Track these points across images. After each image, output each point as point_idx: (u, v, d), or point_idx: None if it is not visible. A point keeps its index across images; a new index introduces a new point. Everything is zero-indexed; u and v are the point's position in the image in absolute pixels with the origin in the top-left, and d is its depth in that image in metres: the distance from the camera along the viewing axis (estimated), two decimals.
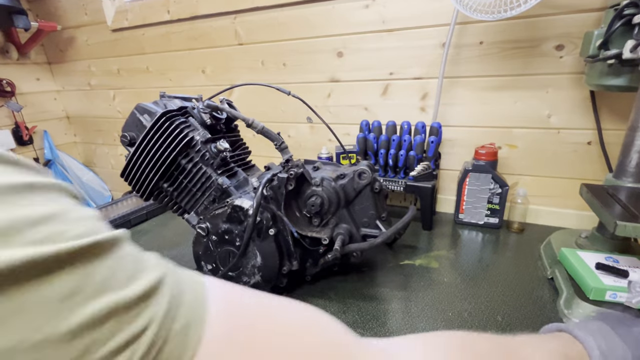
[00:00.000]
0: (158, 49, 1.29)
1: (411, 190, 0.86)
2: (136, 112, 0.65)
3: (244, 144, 0.77)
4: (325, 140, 1.11)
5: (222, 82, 1.22)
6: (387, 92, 0.98)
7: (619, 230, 0.48)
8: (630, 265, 0.56)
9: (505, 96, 0.86)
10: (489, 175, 0.82)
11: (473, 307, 0.59)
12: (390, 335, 0.54)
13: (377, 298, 0.63)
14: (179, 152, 0.62)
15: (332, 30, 0.99)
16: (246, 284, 0.59)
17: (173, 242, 0.90)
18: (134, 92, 1.43)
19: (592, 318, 0.40)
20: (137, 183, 0.66)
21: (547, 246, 0.72)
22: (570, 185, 0.85)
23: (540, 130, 0.85)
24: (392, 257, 0.76)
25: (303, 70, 1.07)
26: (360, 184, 0.61)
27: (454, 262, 0.73)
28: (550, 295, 0.61)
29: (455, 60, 0.88)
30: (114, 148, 1.63)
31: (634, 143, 0.60)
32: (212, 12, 1.13)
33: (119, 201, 1.09)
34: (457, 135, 0.94)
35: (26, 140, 1.53)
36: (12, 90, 1.47)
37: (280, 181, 0.58)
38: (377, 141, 0.89)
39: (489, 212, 0.85)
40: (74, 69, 1.55)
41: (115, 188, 1.74)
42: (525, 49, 0.81)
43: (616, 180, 0.64)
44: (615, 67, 0.64)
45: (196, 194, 0.64)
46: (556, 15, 0.77)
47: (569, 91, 0.80)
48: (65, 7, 1.44)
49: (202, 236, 0.59)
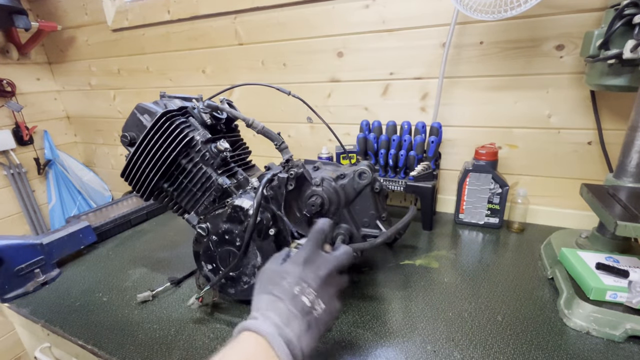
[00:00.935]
0: (158, 49, 1.29)
1: (411, 190, 0.86)
2: (136, 112, 0.65)
3: (244, 144, 0.77)
4: (326, 140, 1.11)
5: (222, 82, 1.22)
6: (387, 92, 0.98)
7: (620, 230, 0.48)
8: (630, 265, 0.56)
9: (505, 96, 0.86)
10: (489, 175, 0.82)
11: (473, 307, 0.59)
12: (391, 335, 0.54)
13: (377, 298, 0.63)
14: (179, 152, 0.62)
15: (332, 30, 0.99)
16: (246, 284, 0.59)
17: (173, 242, 0.90)
18: (134, 92, 1.43)
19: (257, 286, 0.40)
20: (137, 183, 0.66)
21: (548, 246, 0.72)
22: (570, 185, 0.85)
23: (541, 130, 0.85)
24: (392, 257, 0.76)
25: (303, 70, 1.07)
26: (360, 184, 0.61)
27: (454, 262, 0.73)
28: (551, 295, 0.61)
29: (456, 60, 0.88)
30: (114, 148, 1.63)
31: (634, 143, 0.60)
32: (212, 12, 1.13)
33: (119, 201, 1.09)
34: (458, 135, 0.94)
35: (26, 140, 1.53)
36: (13, 90, 1.48)
37: (281, 181, 0.58)
38: (377, 141, 0.89)
39: (489, 212, 0.85)
40: (74, 69, 1.56)
41: (116, 188, 1.74)
42: (526, 49, 0.81)
43: (616, 180, 0.64)
44: (615, 67, 0.64)
45: (196, 194, 0.65)
46: (556, 15, 0.76)
47: (569, 91, 0.80)
48: (65, 7, 1.44)
49: (202, 236, 0.59)
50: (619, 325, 0.50)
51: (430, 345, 0.52)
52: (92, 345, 0.57)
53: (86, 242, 0.86)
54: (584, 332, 0.52)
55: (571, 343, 0.51)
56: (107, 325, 0.61)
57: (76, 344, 0.58)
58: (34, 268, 0.73)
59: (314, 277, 0.39)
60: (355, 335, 0.55)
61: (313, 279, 0.39)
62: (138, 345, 0.56)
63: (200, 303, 0.59)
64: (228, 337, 0.56)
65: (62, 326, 0.62)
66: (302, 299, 0.37)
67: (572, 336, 0.52)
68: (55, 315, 0.65)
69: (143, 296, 0.66)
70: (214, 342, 0.55)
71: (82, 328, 0.61)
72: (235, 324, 0.59)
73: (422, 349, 0.51)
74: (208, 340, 0.56)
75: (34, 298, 0.70)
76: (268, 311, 0.36)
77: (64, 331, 0.60)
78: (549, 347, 0.50)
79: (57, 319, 0.64)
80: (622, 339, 0.50)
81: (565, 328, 0.53)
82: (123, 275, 0.76)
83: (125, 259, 0.83)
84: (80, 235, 0.84)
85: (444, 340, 0.53)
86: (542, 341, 0.51)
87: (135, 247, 0.89)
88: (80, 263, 0.83)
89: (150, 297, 0.67)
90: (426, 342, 0.53)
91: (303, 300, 0.37)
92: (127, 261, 0.82)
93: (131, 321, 0.61)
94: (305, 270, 0.39)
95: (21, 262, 0.71)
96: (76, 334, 0.59)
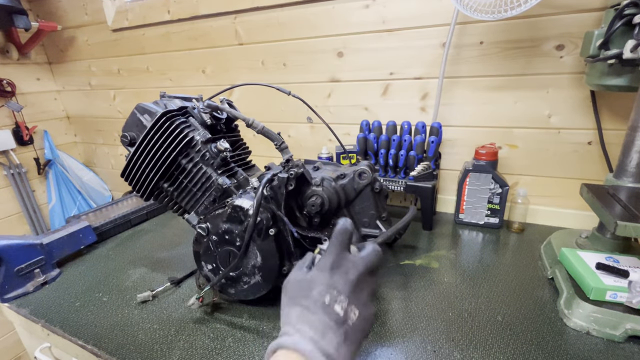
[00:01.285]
0: (158, 49, 1.29)
1: (411, 190, 0.86)
2: (136, 112, 0.65)
3: (244, 144, 0.77)
4: (326, 140, 1.11)
5: (222, 82, 1.22)
6: (388, 92, 0.98)
7: (620, 230, 0.48)
8: (630, 265, 0.56)
9: (505, 96, 0.86)
10: (489, 175, 0.82)
11: (473, 307, 0.59)
12: (391, 335, 0.54)
13: (377, 298, 0.63)
14: (179, 152, 0.62)
15: (332, 30, 0.99)
16: (246, 284, 0.59)
17: (173, 242, 0.90)
18: (134, 92, 1.43)
19: (283, 299, 0.38)
20: (137, 183, 0.66)
21: (548, 246, 0.72)
22: (570, 185, 0.85)
23: (541, 130, 0.85)
24: (392, 257, 0.76)
25: (303, 70, 1.07)
26: (360, 184, 0.61)
27: (454, 262, 0.73)
28: (551, 295, 0.61)
29: (456, 60, 0.88)
30: (114, 148, 1.63)
31: (634, 143, 0.60)
32: (212, 12, 1.13)
33: (119, 201, 1.09)
34: (458, 135, 0.94)
35: (26, 140, 1.53)
36: (13, 90, 1.48)
37: (281, 181, 0.58)
38: (378, 141, 0.89)
39: (489, 212, 0.85)
40: (74, 69, 1.56)
41: (116, 188, 1.74)
42: (526, 49, 0.81)
43: (616, 180, 0.64)
44: (615, 67, 0.64)
45: (196, 194, 0.65)
46: (556, 15, 0.76)
47: (569, 91, 0.80)
48: (65, 7, 1.44)
49: (202, 236, 0.59)
50: (619, 325, 0.50)
51: (430, 345, 0.52)
52: (92, 345, 0.57)
53: (86, 242, 0.86)
54: (584, 332, 0.52)
55: (571, 343, 0.51)
56: (107, 325, 0.61)
57: (76, 344, 0.58)
58: (34, 268, 0.73)
59: (344, 282, 0.36)
60: None
61: (343, 285, 0.36)
62: (138, 345, 0.56)
63: (201, 303, 0.60)
64: (228, 338, 0.56)
65: (62, 326, 0.62)
66: (335, 308, 0.34)
67: (572, 336, 0.52)
68: (55, 315, 0.65)
69: (143, 296, 0.66)
70: (214, 342, 0.55)
71: (82, 328, 0.61)
72: (235, 324, 0.59)
73: (422, 349, 0.51)
74: (208, 340, 0.56)
75: (34, 298, 0.70)
76: (301, 324, 0.33)
77: (64, 331, 0.60)
78: (549, 347, 0.50)
79: (57, 319, 0.64)
80: (622, 339, 0.50)
81: (565, 328, 0.53)
82: (123, 275, 0.76)
83: (125, 259, 0.84)
84: (80, 235, 0.84)
85: (444, 340, 0.53)
86: (542, 341, 0.51)
87: (135, 247, 0.89)
88: (80, 263, 0.83)
89: (150, 297, 0.67)
90: (426, 342, 0.53)
91: (336, 310, 0.34)
92: (127, 261, 0.82)
93: (131, 321, 0.61)
94: (333, 276, 0.36)
95: (21, 262, 0.71)
96: (76, 334, 0.59)
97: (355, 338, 0.35)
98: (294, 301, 0.36)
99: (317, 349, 0.31)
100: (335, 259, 0.38)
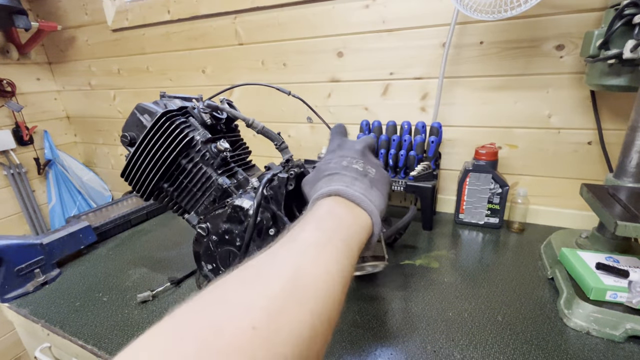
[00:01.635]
0: (158, 49, 1.29)
1: (411, 190, 0.86)
2: (136, 112, 0.65)
3: (244, 144, 0.77)
4: (326, 140, 1.11)
5: (222, 82, 1.22)
6: (387, 92, 0.98)
7: (620, 230, 0.48)
8: (630, 265, 0.56)
9: (505, 96, 0.86)
10: (489, 175, 0.82)
11: (473, 307, 0.59)
12: (391, 335, 0.54)
13: (377, 298, 0.63)
14: (179, 152, 0.62)
15: (332, 30, 0.99)
16: None
17: (173, 242, 0.90)
18: (134, 92, 1.43)
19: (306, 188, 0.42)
20: (137, 183, 0.66)
21: (548, 246, 0.72)
22: (570, 185, 0.85)
23: (541, 130, 0.85)
24: (392, 257, 0.76)
25: (303, 70, 1.07)
26: None
27: (454, 262, 0.73)
28: (551, 295, 0.61)
29: (456, 60, 0.88)
30: (114, 148, 1.63)
31: (634, 143, 0.60)
32: (212, 12, 1.13)
33: (119, 201, 1.09)
34: (458, 135, 0.94)
35: (26, 140, 1.53)
36: (13, 90, 1.48)
37: (281, 181, 0.58)
38: (378, 141, 0.89)
39: (489, 212, 0.85)
40: (74, 69, 1.56)
41: (116, 188, 1.74)
42: (526, 49, 0.81)
43: (616, 180, 0.64)
44: (615, 67, 0.64)
45: (196, 194, 0.64)
46: (556, 15, 0.76)
47: (569, 91, 0.80)
48: (65, 7, 1.44)
49: (202, 236, 0.59)
50: (619, 325, 0.50)
51: (430, 345, 0.52)
52: (92, 345, 0.57)
53: (86, 242, 0.86)
54: (584, 332, 0.52)
55: (571, 343, 0.51)
56: (107, 325, 0.61)
57: (76, 344, 0.58)
58: (34, 268, 0.73)
59: (354, 152, 0.41)
60: (355, 335, 0.55)
61: (353, 153, 0.41)
62: None
63: None
64: None
65: (62, 326, 0.62)
66: (354, 166, 0.39)
67: (572, 336, 0.52)
68: (55, 315, 0.65)
69: (143, 296, 0.66)
70: None
71: (82, 328, 0.61)
72: None
73: (422, 349, 0.51)
74: None
75: (34, 298, 0.70)
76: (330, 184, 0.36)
77: (64, 331, 0.60)
78: (549, 347, 0.50)
79: (57, 319, 0.64)
80: (622, 339, 0.50)
81: (565, 328, 0.53)
82: (123, 275, 0.76)
83: (125, 259, 0.83)
84: (80, 235, 0.84)
85: (444, 340, 0.53)
86: (542, 341, 0.51)
87: (135, 247, 0.89)
88: (80, 263, 0.83)
89: (150, 297, 0.67)
90: (426, 342, 0.53)
91: (355, 167, 0.39)
92: (127, 261, 0.82)
93: (131, 321, 0.61)
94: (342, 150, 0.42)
95: (21, 262, 0.71)
96: (76, 334, 0.59)
97: (380, 187, 0.39)
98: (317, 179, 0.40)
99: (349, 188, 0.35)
100: (339, 142, 0.44)
